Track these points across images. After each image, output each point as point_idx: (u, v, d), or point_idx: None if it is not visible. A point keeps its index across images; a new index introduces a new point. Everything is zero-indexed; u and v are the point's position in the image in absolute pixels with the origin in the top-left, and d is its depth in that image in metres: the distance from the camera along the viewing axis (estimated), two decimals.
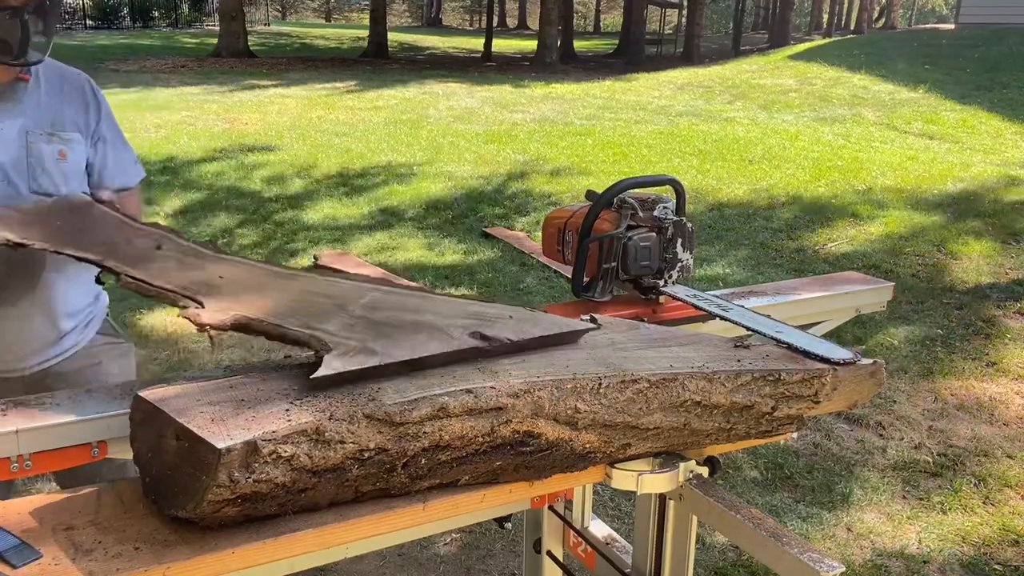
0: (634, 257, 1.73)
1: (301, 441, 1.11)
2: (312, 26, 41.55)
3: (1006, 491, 3.36)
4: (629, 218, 1.77)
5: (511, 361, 1.35)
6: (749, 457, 3.53)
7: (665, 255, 1.77)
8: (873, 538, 3.06)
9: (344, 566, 2.82)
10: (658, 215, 1.77)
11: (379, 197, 7.66)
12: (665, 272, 1.78)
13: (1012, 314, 5.08)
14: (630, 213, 1.77)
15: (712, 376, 1.37)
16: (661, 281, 1.78)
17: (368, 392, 1.20)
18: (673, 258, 1.77)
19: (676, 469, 1.40)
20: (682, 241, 1.78)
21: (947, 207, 7.12)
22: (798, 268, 5.95)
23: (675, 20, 34.05)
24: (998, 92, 12.01)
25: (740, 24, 29.42)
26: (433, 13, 51.97)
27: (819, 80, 14.33)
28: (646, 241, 1.75)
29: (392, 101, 13.25)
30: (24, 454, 1.25)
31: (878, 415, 3.91)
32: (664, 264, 1.77)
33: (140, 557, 1.05)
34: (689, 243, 1.79)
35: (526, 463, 1.27)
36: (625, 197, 1.79)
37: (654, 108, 12.80)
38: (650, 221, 1.77)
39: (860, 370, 1.46)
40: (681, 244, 1.78)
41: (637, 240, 1.74)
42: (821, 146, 9.72)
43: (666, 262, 1.77)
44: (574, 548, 1.87)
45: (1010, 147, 9.41)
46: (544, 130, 10.80)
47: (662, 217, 1.77)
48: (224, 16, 21.74)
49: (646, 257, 1.74)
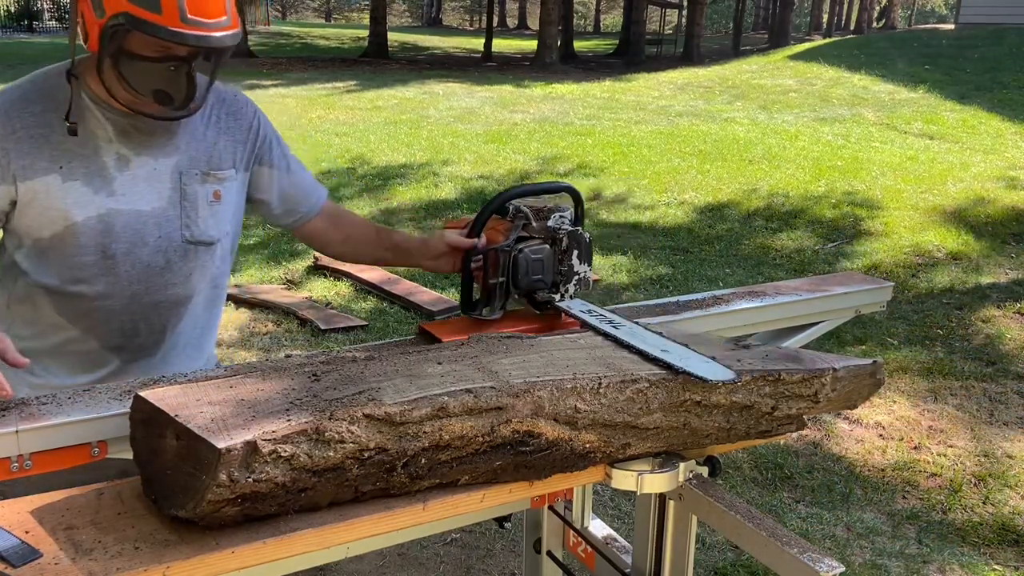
0: (525, 270, 1.61)
1: (301, 441, 1.11)
2: (312, 26, 41.55)
3: (1006, 491, 3.36)
4: (521, 229, 1.65)
5: (511, 361, 1.35)
6: (749, 457, 3.53)
7: (560, 268, 1.64)
8: (873, 538, 3.06)
9: (344, 566, 2.82)
10: (553, 225, 1.65)
11: (379, 197, 7.66)
12: (561, 286, 1.65)
13: (1012, 314, 5.08)
14: (523, 224, 1.66)
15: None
16: (557, 295, 1.65)
17: (368, 392, 1.20)
18: (569, 271, 1.65)
19: (676, 469, 1.40)
20: (578, 253, 1.64)
21: (947, 207, 7.12)
22: (798, 268, 5.95)
23: (675, 20, 34.04)
24: (998, 92, 12.01)
25: (740, 24, 29.41)
26: (433, 13, 51.97)
27: (819, 80, 14.33)
28: (538, 253, 1.63)
29: (392, 101, 13.26)
30: (24, 454, 1.25)
31: (878, 415, 3.91)
32: (560, 277, 1.65)
33: (140, 557, 1.05)
34: (586, 254, 1.66)
35: (526, 463, 1.27)
36: (520, 206, 1.68)
37: (654, 108, 12.80)
38: (544, 232, 1.65)
39: (860, 370, 1.46)
40: (577, 256, 1.65)
41: (528, 252, 1.62)
42: (821, 146, 9.72)
43: (561, 275, 1.65)
44: (574, 548, 1.87)
45: (1010, 147, 9.41)
46: (544, 130, 10.80)
47: (556, 227, 1.64)
48: None
49: (539, 270, 1.63)
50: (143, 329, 1.69)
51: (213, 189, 1.68)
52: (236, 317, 4.90)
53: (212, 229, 1.70)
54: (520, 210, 1.67)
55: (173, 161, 1.64)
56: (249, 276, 5.65)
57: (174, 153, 1.64)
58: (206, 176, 1.67)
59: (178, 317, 1.72)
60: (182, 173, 1.64)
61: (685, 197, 7.67)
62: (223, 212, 1.71)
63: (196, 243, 1.68)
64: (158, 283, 1.66)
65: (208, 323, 1.83)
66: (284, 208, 1.85)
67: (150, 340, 1.70)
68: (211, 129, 1.70)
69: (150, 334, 1.70)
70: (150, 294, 1.66)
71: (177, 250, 1.66)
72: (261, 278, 5.63)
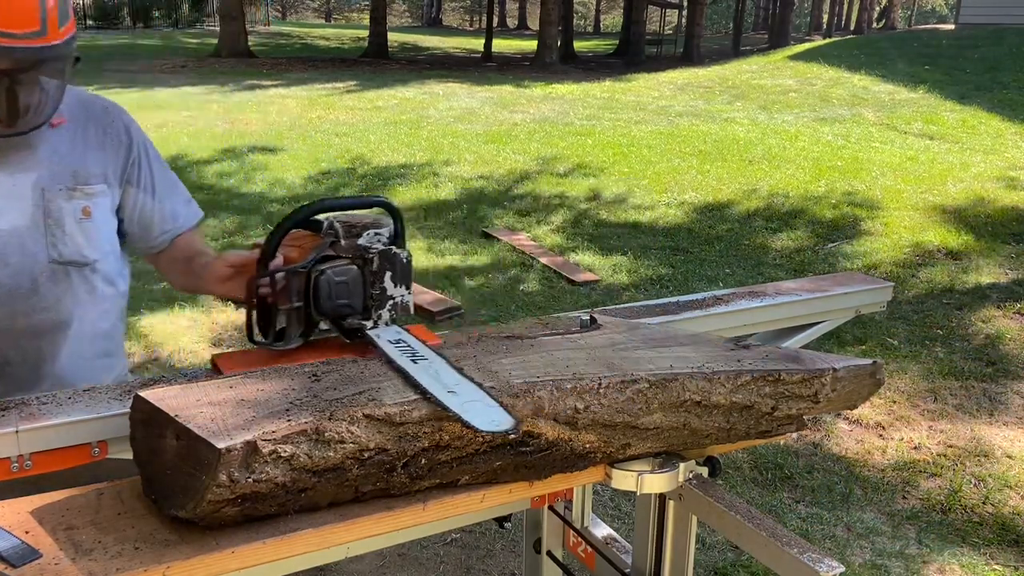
0: (328, 294, 1.42)
1: (301, 441, 1.11)
2: (312, 26, 41.57)
3: (1006, 491, 3.36)
4: (328, 247, 1.47)
5: (511, 361, 1.35)
6: (749, 457, 3.53)
7: (371, 291, 1.45)
8: (873, 538, 3.06)
9: (344, 566, 2.82)
10: (364, 243, 1.47)
11: None
12: (374, 311, 1.46)
13: (1012, 314, 5.08)
14: (331, 241, 1.48)
15: (712, 376, 1.37)
16: (369, 322, 1.46)
17: (368, 392, 1.20)
18: (382, 295, 1.45)
19: (676, 469, 1.40)
20: (392, 274, 1.46)
21: (947, 207, 7.12)
22: (798, 268, 5.95)
23: (675, 20, 34.05)
24: (998, 92, 12.01)
25: (740, 24, 29.43)
26: (433, 13, 51.98)
27: (819, 80, 14.33)
28: (343, 275, 1.43)
29: (392, 101, 13.26)
30: (24, 454, 1.26)
31: (878, 415, 3.91)
32: (371, 302, 1.45)
33: (140, 557, 1.05)
34: (402, 276, 1.47)
35: (526, 463, 1.27)
36: (334, 222, 1.49)
37: (654, 108, 12.80)
38: (353, 250, 1.46)
39: (860, 370, 1.46)
40: (391, 278, 1.46)
41: (331, 274, 1.42)
42: (821, 146, 9.72)
43: (373, 299, 1.45)
44: (574, 548, 1.87)
45: (1010, 147, 9.42)
46: (544, 130, 10.80)
47: (367, 246, 1.46)
48: (224, 16, 21.75)
49: (344, 294, 1.43)
50: (15, 358, 1.58)
51: (81, 205, 1.57)
52: (237, 318, 4.90)
53: (85, 248, 1.58)
54: (332, 226, 1.49)
55: (33, 177, 1.54)
56: None
57: (34, 168, 1.54)
58: (72, 192, 1.57)
59: (55, 346, 1.60)
60: (44, 189, 1.54)
61: (685, 197, 7.67)
62: (96, 230, 1.60)
63: (66, 263, 1.57)
64: (24, 307, 1.55)
65: (105, 356, 1.69)
66: (141, 232, 1.72)
67: (24, 370, 1.59)
68: (77, 142, 1.60)
69: (23, 364, 1.59)
70: (16, 319, 1.55)
71: (44, 271, 1.55)
72: None
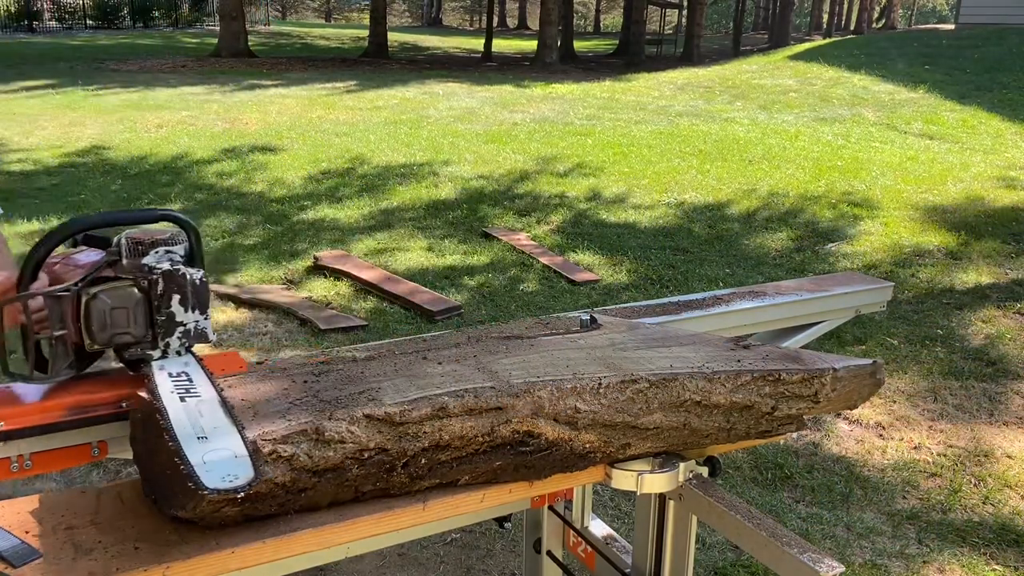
0: (102, 321, 1.25)
1: (301, 441, 1.11)
2: (312, 26, 41.54)
3: (1006, 491, 3.36)
4: (105, 267, 1.30)
5: (511, 361, 1.35)
6: (749, 457, 3.53)
7: (156, 317, 1.28)
8: (873, 538, 3.06)
9: (344, 566, 2.82)
10: (149, 262, 1.30)
11: (379, 197, 7.65)
12: (160, 340, 1.29)
13: (1012, 314, 5.08)
14: (111, 260, 1.32)
15: (712, 376, 1.37)
16: (156, 351, 1.29)
17: (368, 392, 1.20)
18: (169, 321, 1.28)
19: (676, 469, 1.40)
20: (181, 298, 1.29)
21: (947, 207, 7.12)
22: (798, 268, 5.95)
23: (675, 20, 34.04)
24: (998, 92, 12.01)
25: (740, 24, 29.42)
26: (433, 13, 51.97)
27: (819, 80, 14.33)
28: (121, 299, 1.26)
29: (392, 101, 13.25)
30: (24, 454, 1.26)
31: (878, 415, 3.91)
32: (157, 329, 1.29)
33: (140, 557, 1.05)
34: (195, 299, 1.30)
35: (526, 463, 1.27)
36: (122, 238, 1.32)
37: (654, 108, 12.80)
38: (136, 271, 1.30)
39: (860, 370, 1.46)
40: (180, 302, 1.29)
41: (104, 297, 1.25)
42: (821, 146, 9.72)
43: (159, 326, 1.29)
44: (574, 548, 1.87)
45: (1010, 147, 9.42)
46: (544, 130, 10.80)
47: (152, 265, 1.29)
48: (224, 16, 21.74)
49: (122, 320, 1.26)
50: None
51: None
52: (236, 317, 4.90)
53: None
54: (119, 243, 1.33)
55: None
56: (249, 276, 5.65)
57: None
58: None
59: None
60: None
61: (685, 197, 7.67)
62: None
63: None
64: None
65: None
66: None
67: None
68: None
69: None
70: None
71: None
72: (261, 278, 5.63)
